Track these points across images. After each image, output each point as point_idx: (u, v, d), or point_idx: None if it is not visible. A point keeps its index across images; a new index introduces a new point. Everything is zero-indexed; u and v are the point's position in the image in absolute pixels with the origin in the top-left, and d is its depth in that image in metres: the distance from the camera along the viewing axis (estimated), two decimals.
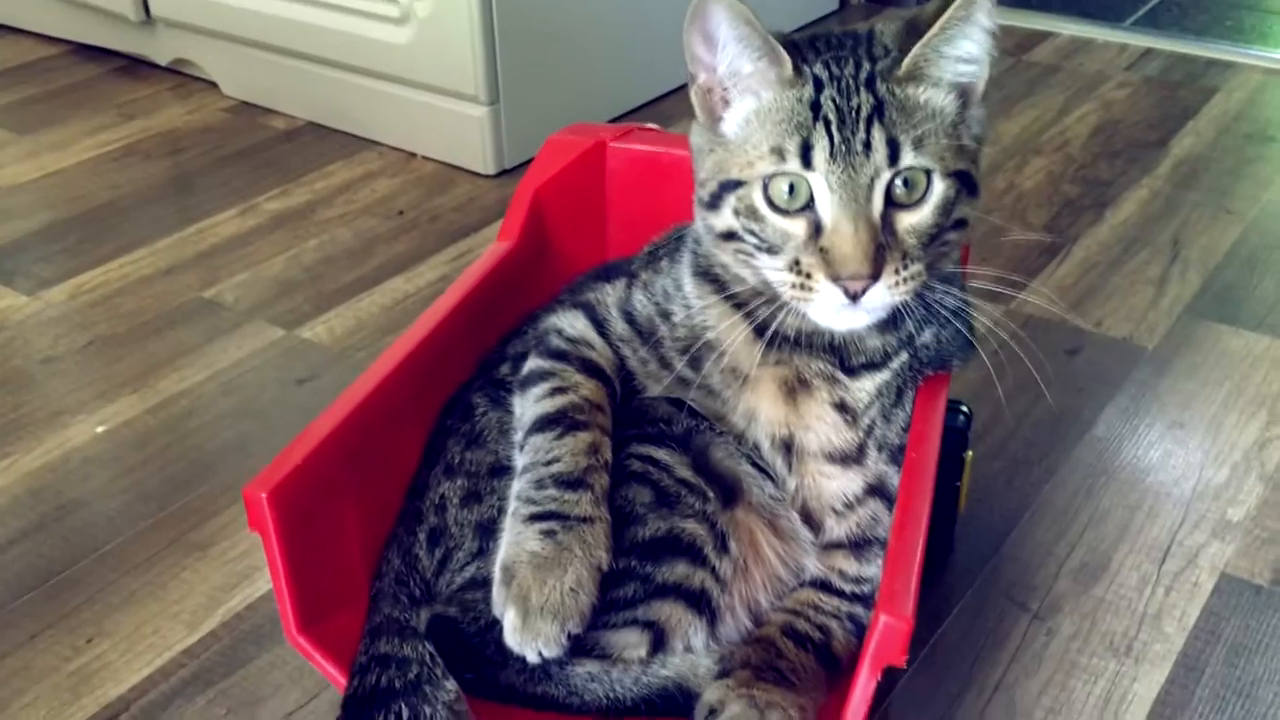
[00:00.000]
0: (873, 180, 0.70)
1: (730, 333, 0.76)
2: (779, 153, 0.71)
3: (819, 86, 0.71)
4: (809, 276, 0.71)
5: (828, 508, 0.80)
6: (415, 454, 0.83)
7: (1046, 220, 1.64)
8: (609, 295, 0.84)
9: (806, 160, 0.70)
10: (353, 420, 0.74)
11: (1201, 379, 1.32)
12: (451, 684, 0.71)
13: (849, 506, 0.79)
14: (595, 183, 1.00)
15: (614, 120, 1.89)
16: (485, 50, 1.69)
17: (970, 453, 1.08)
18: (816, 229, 0.71)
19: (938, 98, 0.72)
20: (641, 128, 1.05)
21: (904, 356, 0.78)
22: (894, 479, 0.77)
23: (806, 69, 0.73)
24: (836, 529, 0.80)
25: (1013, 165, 1.78)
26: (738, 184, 0.73)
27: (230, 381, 1.37)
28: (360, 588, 0.77)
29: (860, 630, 0.76)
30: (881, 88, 0.71)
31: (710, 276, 0.79)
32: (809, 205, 0.71)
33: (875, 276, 0.70)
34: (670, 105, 1.97)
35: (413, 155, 1.85)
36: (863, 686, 0.62)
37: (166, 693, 0.99)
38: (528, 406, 0.77)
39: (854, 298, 0.70)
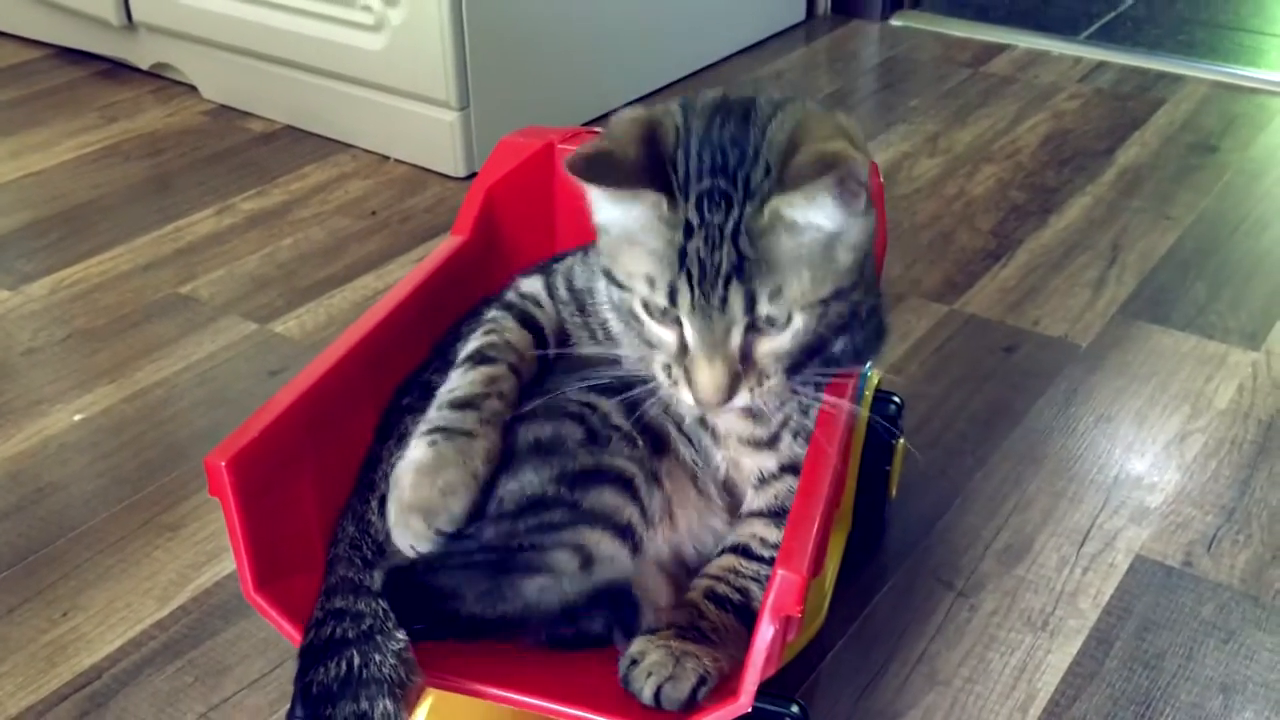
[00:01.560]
0: (729, 327, 0.74)
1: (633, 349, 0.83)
2: (651, 282, 0.75)
3: (689, 233, 0.73)
4: (676, 384, 0.77)
5: (747, 479, 0.86)
6: (370, 429, 0.89)
7: (993, 225, 1.71)
8: (563, 262, 0.92)
9: (672, 300, 0.74)
10: (309, 396, 0.80)
11: (1130, 375, 1.39)
12: (402, 634, 0.76)
13: (764, 481, 0.85)
14: (544, 181, 1.06)
15: (583, 125, 1.96)
16: (456, 57, 1.75)
17: (901, 441, 1.14)
18: (684, 348, 0.76)
19: (803, 242, 0.74)
20: (590, 130, 1.11)
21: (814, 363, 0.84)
22: None
23: (680, 209, 0.74)
24: (756, 500, 0.86)
25: (964, 172, 1.85)
26: (620, 285, 0.78)
27: (204, 373, 1.43)
28: (315, 553, 0.83)
29: None
30: (744, 242, 0.73)
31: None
32: (679, 322, 0.76)
33: (728, 400, 0.75)
34: None
35: (386, 158, 1.91)
36: (762, 633, 0.68)
37: (138, 662, 1.05)
38: (462, 348, 0.86)
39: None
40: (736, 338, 0.74)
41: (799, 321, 0.75)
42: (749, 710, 0.72)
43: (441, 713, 0.84)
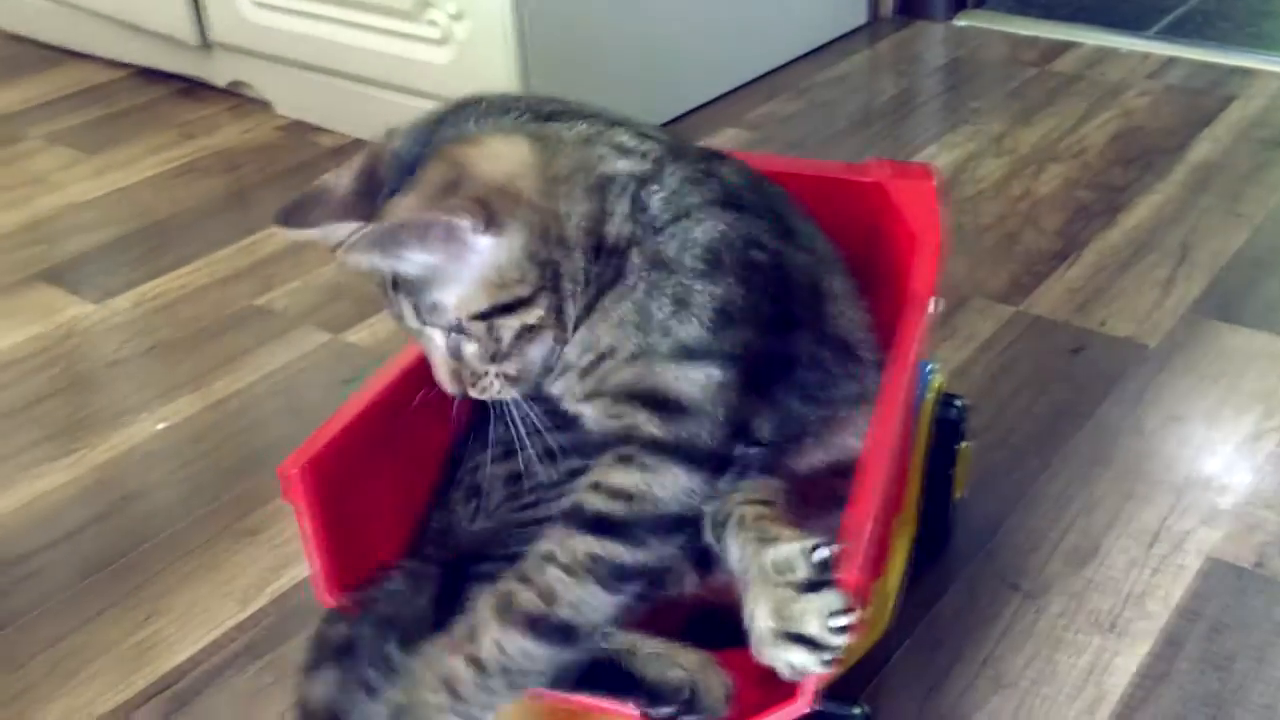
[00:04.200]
0: (423, 332, 0.80)
1: None
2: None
3: None
4: None
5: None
6: (443, 432, 0.91)
7: (1060, 225, 1.69)
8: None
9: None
10: (379, 403, 0.83)
11: (1200, 374, 1.37)
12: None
13: None
14: None
15: None
16: (519, 69, 1.78)
17: (966, 444, 1.14)
18: None
19: (427, 265, 0.76)
20: None
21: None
22: None
23: None
24: None
25: (1029, 172, 1.83)
26: None
27: (280, 383, 1.47)
28: (387, 557, 0.85)
29: None
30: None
31: None
32: None
33: (462, 390, 0.81)
34: (695, 121, 2.05)
35: None
36: None
37: (219, 664, 1.09)
38: None
39: None
40: (438, 338, 0.80)
41: (477, 329, 0.78)
42: (807, 712, 0.73)
43: None
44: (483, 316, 0.77)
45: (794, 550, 0.73)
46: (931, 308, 0.91)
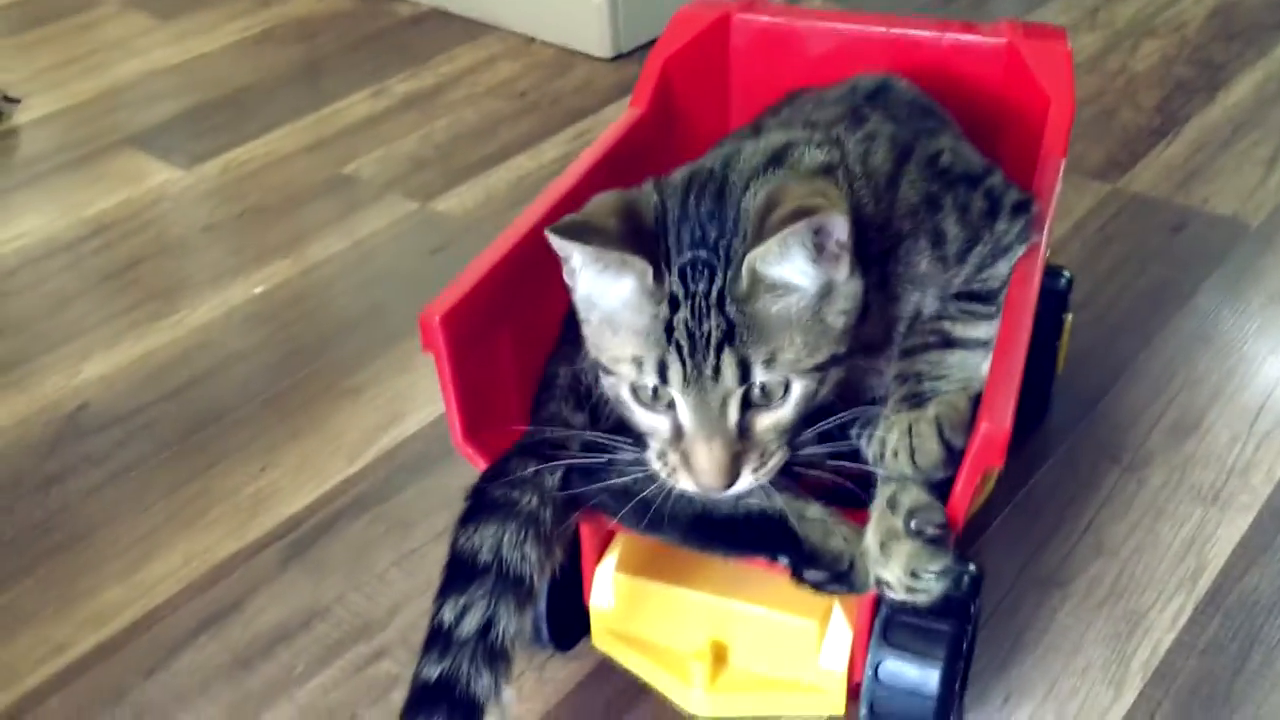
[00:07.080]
0: (725, 399, 0.70)
1: None
2: (638, 363, 0.71)
3: (674, 306, 0.70)
4: (674, 471, 0.73)
5: None
6: (561, 288, 0.92)
7: (1158, 102, 1.65)
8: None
9: (663, 377, 0.71)
10: (510, 259, 0.83)
11: None
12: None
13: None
14: (719, 53, 1.06)
15: None
16: None
17: (1070, 315, 1.13)
18: (679, 431, 0.72)
19: (790, 303, 0.71)
20: (764, 1, 1.10)
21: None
22: None
23: (665, 281, 0.71)
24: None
25: (1126, 47, 1.78)
26: (608, 370, 0.74)
27: (370, 250, 1.48)
28: (512, 407, 0.87)
29: None
30: (730, 308, 0.70)
31: None
32: (671, 405, 0.72)
33: (731, 483, 0.72)
34: None
35: (531, 39, 1.92)
36: (964, 482, 0.70)
37: (332, 514, 1.12)
38: None
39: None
40: (734, 412, 0.71)
41: (798, 389, 0.71)
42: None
43: (630, 562, 0.89)
44: (820, 368, 0.72)
45: (913, 500, 0.74)
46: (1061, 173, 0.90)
